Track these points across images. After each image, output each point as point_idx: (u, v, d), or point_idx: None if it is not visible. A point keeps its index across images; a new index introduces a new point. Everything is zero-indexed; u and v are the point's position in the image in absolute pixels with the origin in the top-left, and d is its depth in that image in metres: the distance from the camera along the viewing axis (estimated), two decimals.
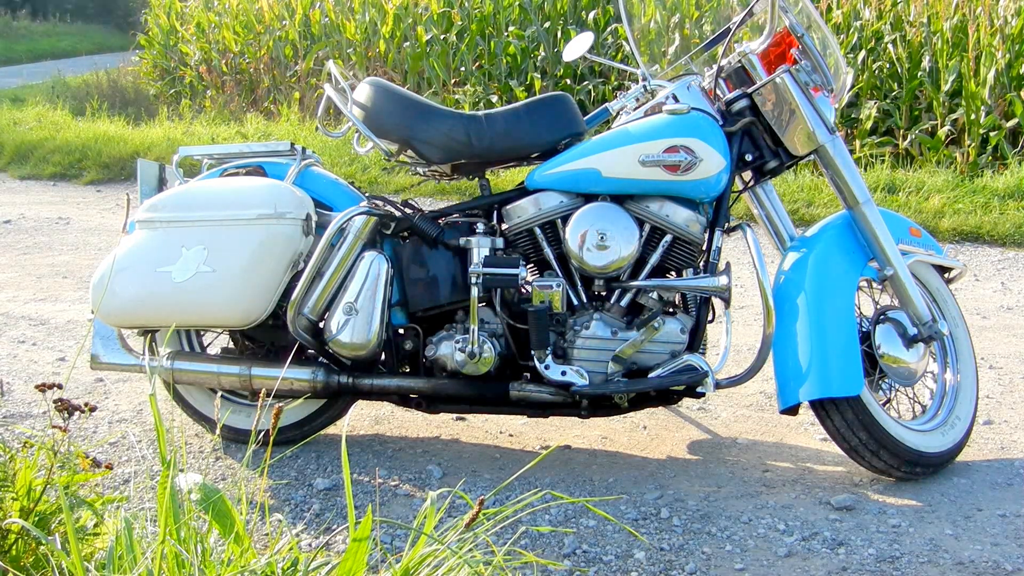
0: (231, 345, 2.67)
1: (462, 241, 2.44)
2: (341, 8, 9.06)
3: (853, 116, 6.26)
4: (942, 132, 5.91)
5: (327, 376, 2.46)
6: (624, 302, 2.43)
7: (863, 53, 6.35)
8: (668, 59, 3.31)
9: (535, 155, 2.50)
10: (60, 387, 1.74)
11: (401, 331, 2.52)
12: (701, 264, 2.42)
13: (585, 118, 2.59)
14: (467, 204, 2.53)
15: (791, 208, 5.16)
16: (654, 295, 2.41)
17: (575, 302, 2.44)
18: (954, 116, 5.98)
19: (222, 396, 2.63)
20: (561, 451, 2.60)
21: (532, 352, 2.37)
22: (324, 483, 2.43)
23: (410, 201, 2.57)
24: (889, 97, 6.31)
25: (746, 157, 2.44)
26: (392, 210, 2.50)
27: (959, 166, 5.73)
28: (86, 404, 1.71)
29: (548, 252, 2.44)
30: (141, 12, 13.02)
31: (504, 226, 2.48)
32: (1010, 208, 5.07)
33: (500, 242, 2.45)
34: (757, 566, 2.04)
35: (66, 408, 1.66)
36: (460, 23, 8.14)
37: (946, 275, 2.61)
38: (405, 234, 2.50)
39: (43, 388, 1.74)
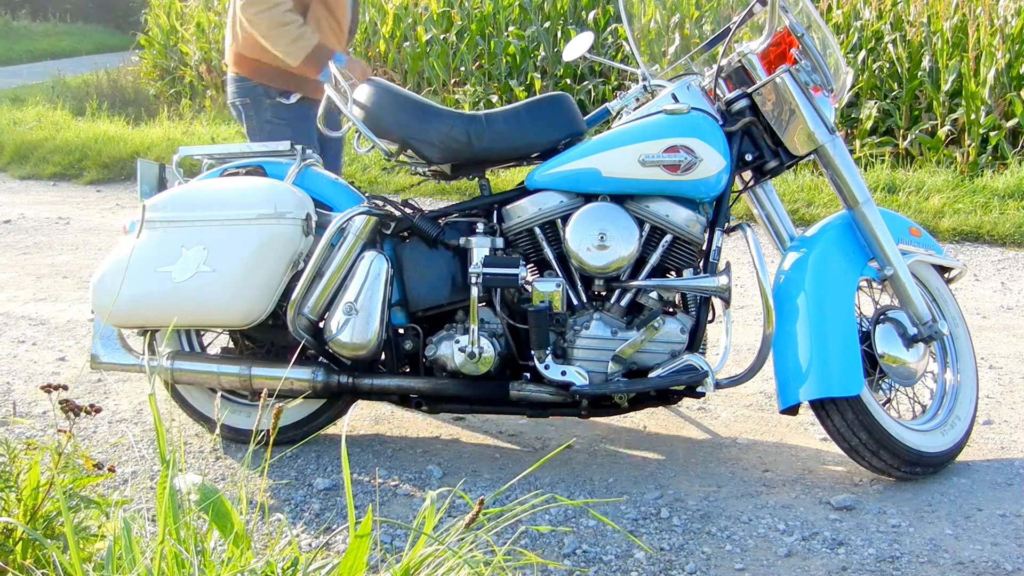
0: (231, 345, 2.67)
1: (462, 241, 2.44)
2: None
3: (853, 116, 6.26)
4: (942, 132, 5.90)
5: (327, 376, 2.46)
6: (624, 302, 2.43)
7: (863, 53, 6.35)
8: (668, 59, 3.31)
9: (535, 155, 2.50)
10: (66, 388, 1.74)
11: (401, 331, 2.52)
12: (701, 264, 2.42)
13: (585, 118, 2.59)
14: (467, 204, 2.53)
15: (791, 208, 5.16)
16: (654, 295, 2.41)
17: (575, 302, 2.44)
18: (954, 116, 5.97)
19: (222, 396, 2.63)
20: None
21: (532, 352, 2.36)
22: (324, 483, 2.43)
23: (410, 201, 2.57)
24: (889, 97, 6.31)
25: (746, 157, 2.44)
26: (392, 210, 2.50)
27: (959, 166, 5.73)
28: (91, 405, 1.71)
29: (548, 252, 2.44)
30: (141, 12, 13.00)
31: (504, 226, 2.48)
32: (1010, 208, 5.07)
33: (500, 242, 2.45)
34: (757, 566, 2.04)
35: (71, 409, 1.66)
36: (460, 23, 8.14)
37: (946, 275, 2.61)
38: (405, 234, 2.50)
39: (48, 389, 1.74)
